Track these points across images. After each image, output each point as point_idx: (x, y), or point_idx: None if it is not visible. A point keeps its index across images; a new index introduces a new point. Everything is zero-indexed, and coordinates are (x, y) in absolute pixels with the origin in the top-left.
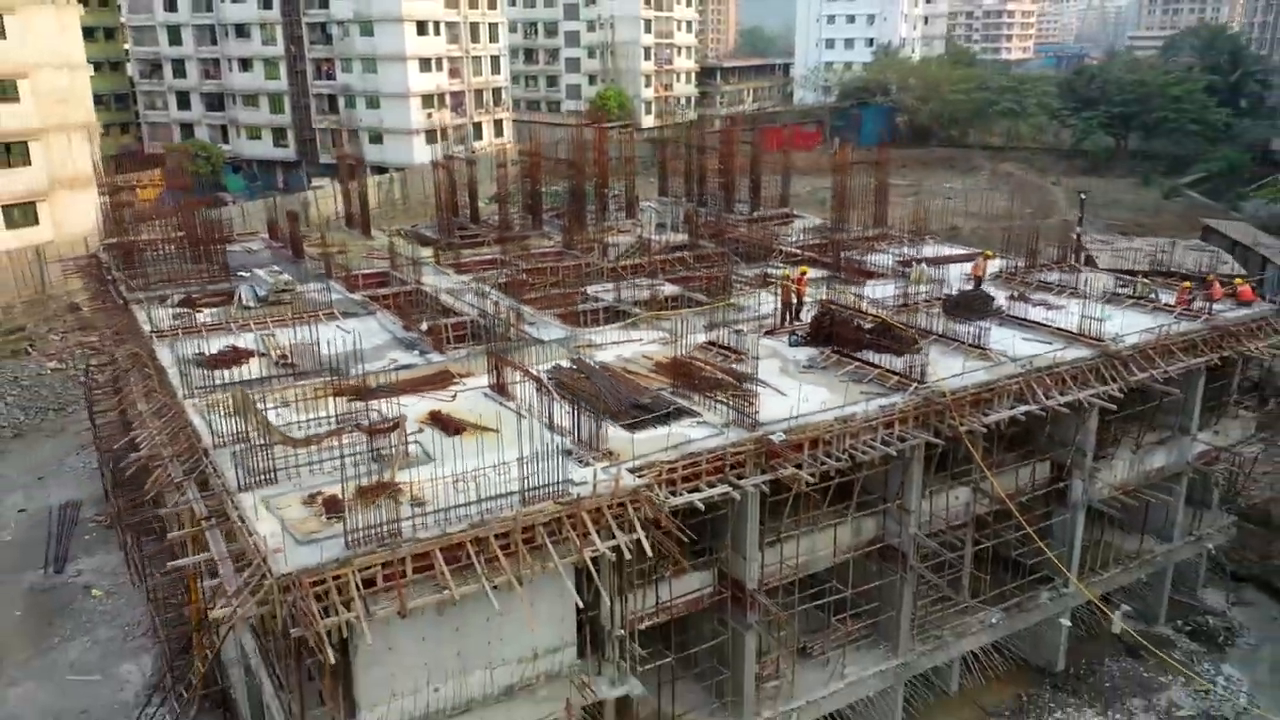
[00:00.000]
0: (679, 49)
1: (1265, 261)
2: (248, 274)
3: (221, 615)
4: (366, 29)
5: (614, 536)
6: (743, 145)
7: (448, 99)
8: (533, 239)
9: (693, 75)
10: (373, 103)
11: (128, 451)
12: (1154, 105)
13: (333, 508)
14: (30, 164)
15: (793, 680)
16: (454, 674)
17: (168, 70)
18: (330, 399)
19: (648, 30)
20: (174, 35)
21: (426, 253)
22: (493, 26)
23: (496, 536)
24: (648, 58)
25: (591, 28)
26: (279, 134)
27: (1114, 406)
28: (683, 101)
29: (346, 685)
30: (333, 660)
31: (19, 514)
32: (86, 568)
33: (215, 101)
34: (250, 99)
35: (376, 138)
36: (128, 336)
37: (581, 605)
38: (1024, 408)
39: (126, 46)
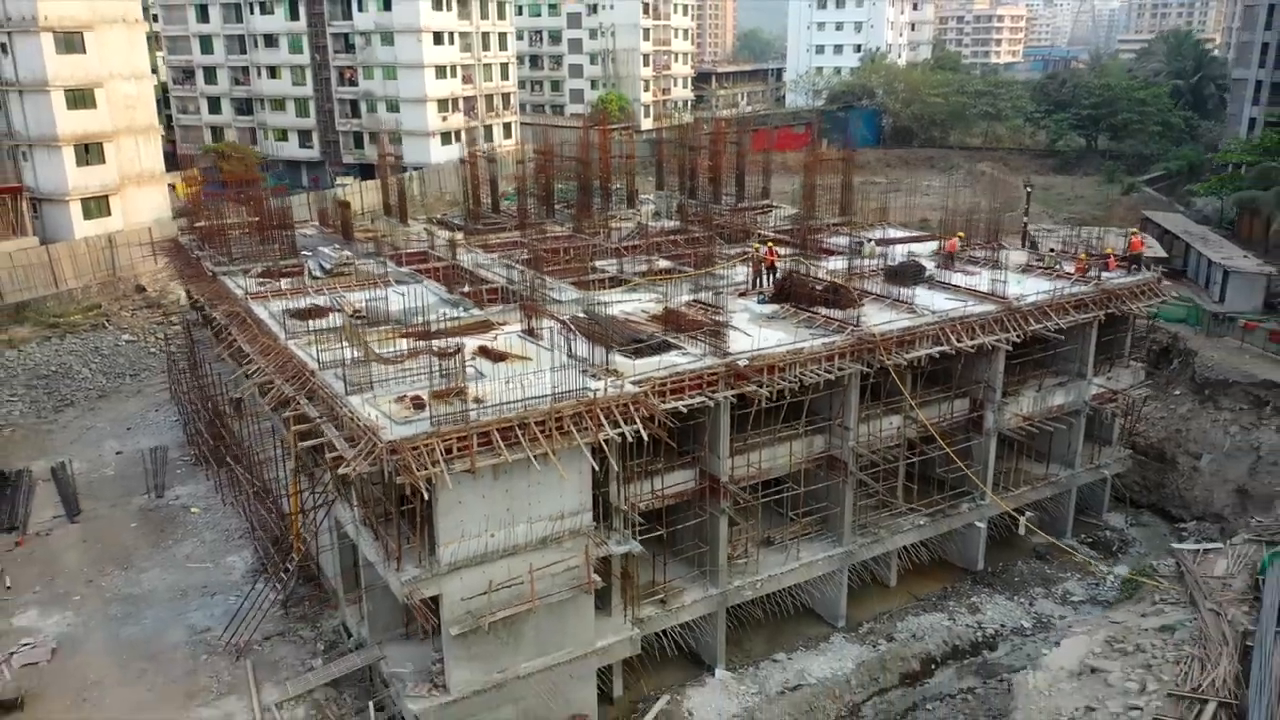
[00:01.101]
0: (676, 55)
1: (1188, 247)
2: (310, 252)
3: (346, 472)
4: (387, 39)
5: (619, 426)
6: (730, 145)
7: (461, 103)
8: (547, 225)
9: (689, 80)
10: (392, 107)
11: (205, 403)
12: (1120, 108)
13: (417, 404)
14: (105, 162)
15: (757, 560)
16: (504, 524)
17: (200, 77)
18: (400, 339)
19: (646, 38)
20: (206, 44)
21: (456, 237)
22: (502, 36)
23: (536, 422)
24: (646, 64)
25: (593, 35)
26: (304, 136)
27: (1011, 350)
28: (680, 105)
29: (428, 530)
30: (426, 496)
31: (116, 455)
32: (181, 493)
33: (244, 106)
34: (278, 103)
35: (396, 139)
36: (220, 300)
37: (597, 471)
38: (938, 348)
39: (160, 54)
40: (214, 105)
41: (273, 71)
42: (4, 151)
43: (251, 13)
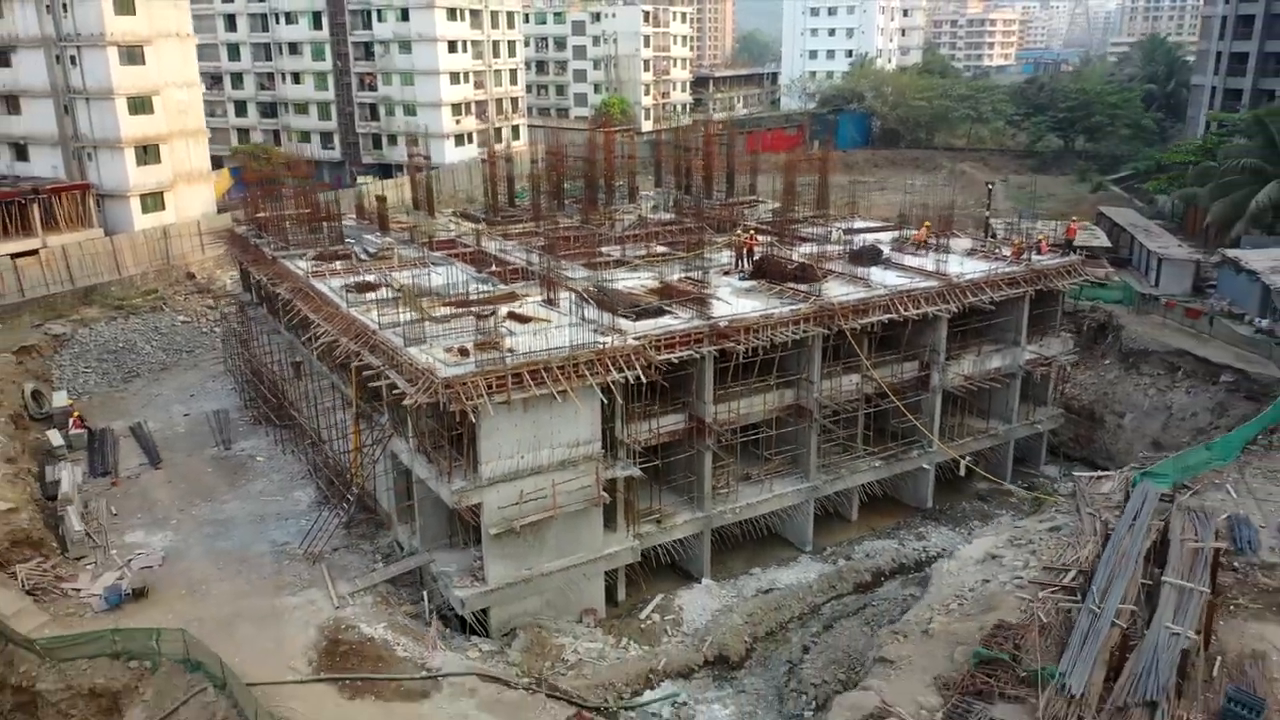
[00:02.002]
0: (675, 61)
1: (1132, 239)
2: (354, 240)
3: (408, 404)
4: (405, 47)
5: (623, 371)
6: (722, 147)
7: (473, 107)
8: (558, 218)
9: (687, 84)
10: (409, 110)
11: (260, 371)
12: (1094, 111)
13: (463, 352)
14: (160, 162)
15: (737, 491)
16: (532, 448)
17: (227, 82)
18: (442, 307)
19: (647, 44)
20: (233, 52)
21: (480, 227)
22: (511, 44)
23: (557, 366)
24: (647, 69)
25: (597, 42)
26: (326, 138)
27: (952, 319)
28: (678, 108)
29: (472, 451)
30: (474, 420)
31: (184, 416)
32: (245, 446)
33: (269, 109)
34: (301, 107)
35: (412, 140)
36: (283, 279)
37: (606, 406)
38: (887, 315)
39: None
40: (240, 109)
41: (296, 77)
42: (71, 152)
43: (277, 22)
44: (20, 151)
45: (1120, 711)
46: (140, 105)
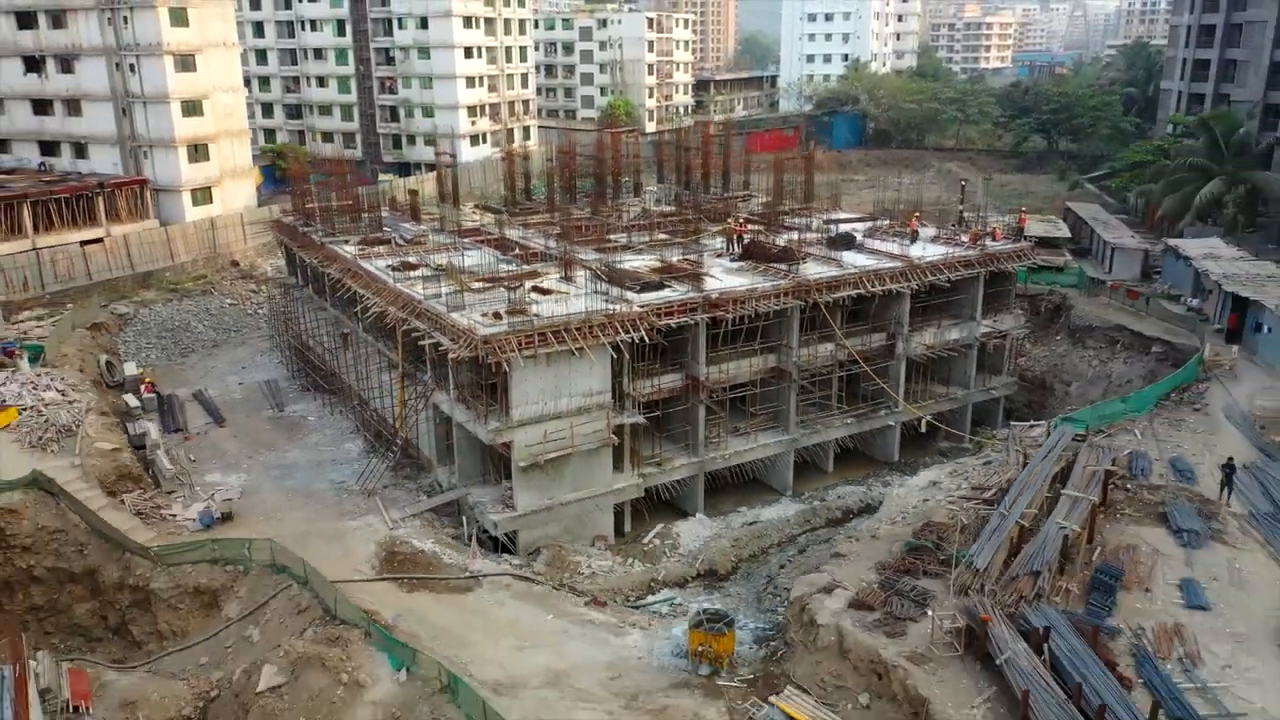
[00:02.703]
0: (677, 65)
1: (1092, 230)
2: (391, 228)
3: (453, 358)
4: (424, 53)
5: (629, 333)
6: (718, 147)
7: (487, 109)
8: (571, 209)
9: (689, 87)
10: (428, 112)
11: (307, 344)
12: (1076, 113)
13: (497, 316)
14: (209, 160)
15: (727, 441)
16: (554, 397)
17: (254, 85)
18: (474, 283)
19: (650, 49)
20: (261, 57)
21: (501, 218)
22: (522, 49)
23: (575, 327)
24: (650, 73)
25: (603, 47)
26: (348, 138)
27: (914, 295)
28: (680, 109)
29: (504, 398)
30: (506, 369)
31: (239, 385)
32: (297, 409)
33: (294, 111)
34: (325, 109)
35: (431, 140)
36: (332, 261)
37: (615, 361)
38: (856, 290)
39: None
40: (266, 110)
41: (321, 81)
42: (128, 150)
43: (303, 29)
44: (79, 149)
45: (1011, 580)
46: (192, 108)
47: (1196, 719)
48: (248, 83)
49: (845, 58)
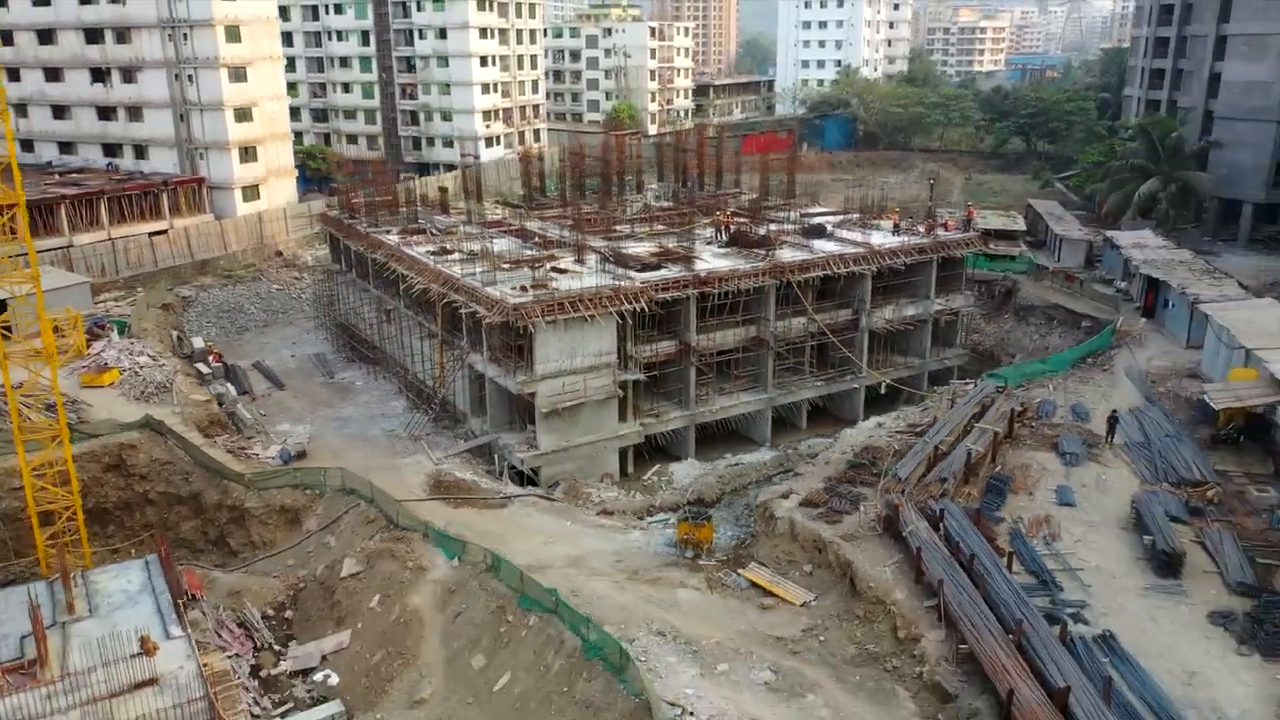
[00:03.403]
0: (678, 71)
1: (1046, 225)
2: (425, 220)
3: (488, 322)
4: (443, 62)
5: (632, 304)
6: (712, 149)
7: (501, 113)
8: (581, 204)
9: (689, 92)
10: (446, 116)
11: (349, 324)
12: (1051, 117)
13: (524, 289)
14: (257, 161)
15: (714, 399)
16: (570, 356)
17: None
18: (502, 264)
19: (653, 56)
20: (289, 65)
21: (520, 211)
22: (533, 58)
23: (587, 298)
24: (652, 78)
25: (608, 54)
26: (371, 140)
27: (875, 276)
28: (681, 113)
29: (530, 356)
30: (532, 331)
31: (291, 357)
32: (345, 376)
33: (320, 115)
34: (350, 113)
35: (449, 142)
36: (377, 247)
37: (621, 326)
38: (823, 272)
39: None
40: (294, 114)
41: (346, 87)
42: (184, 152)
43: (329, 39)
44: (140, 151)
45: (925, 485)
46: (243, 115)
47: (1044, 568)
48: None
49: (838, 64)
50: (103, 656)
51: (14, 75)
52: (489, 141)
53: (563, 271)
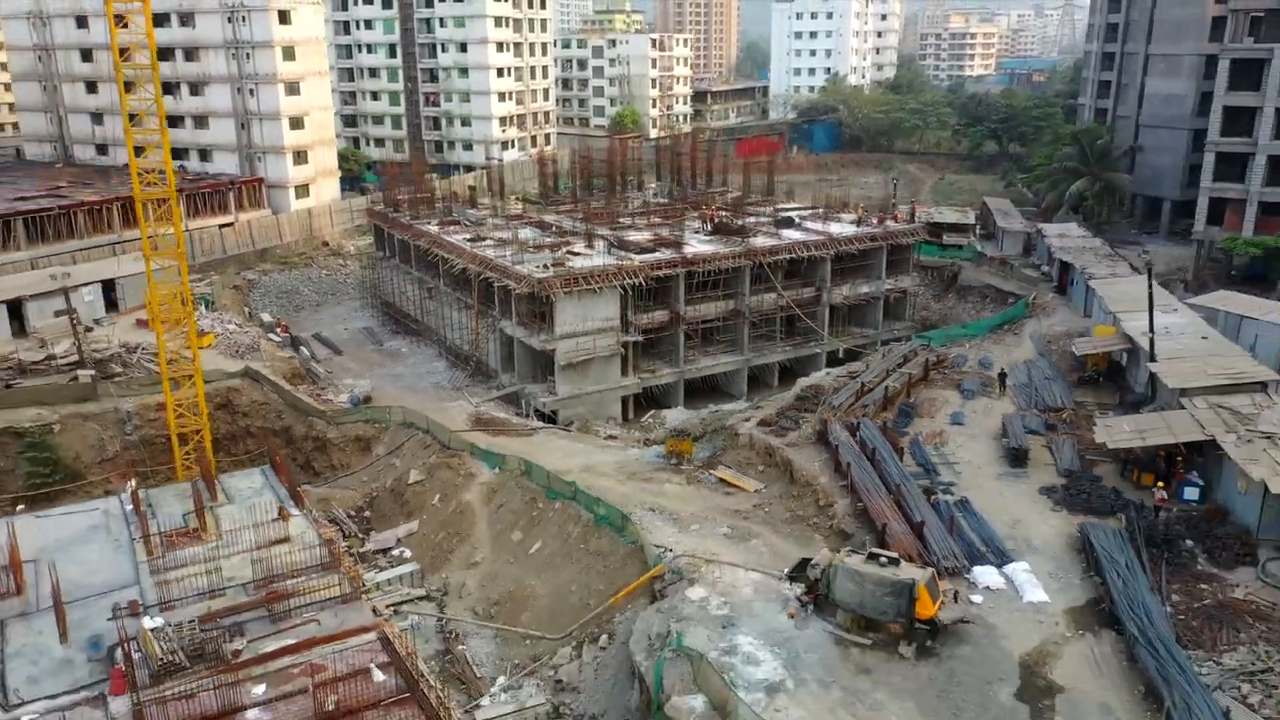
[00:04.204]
0: (677, 78)
1: (994, 219)
2: (459, 213)
3: (517, 293)
4: (463, 73)
5: (632, 279)
6: (703, 152)
7: (515, 119)
8: (590, 200)
9: (688, 98)
10: (465, 122)
11: (392, 302)
12: (1021, 121)
13: (546, 267)
14: (307, 163)
15: (699, 360)
16: (583, 320)
17: None
18: (527, 248)
19: (654, 66)
20: None
21: (536, 205)
22: (544, 68)
23: (597, 275)
24: (654, 86)
25: (612, 64)
26: (397, 144)
27: (834, 260)
28: (680, 117)
29: (551, 320)
30: (553, 300)
31: (344, 330)
32: (392, 345)
33: (350, 120)
34: (378, 119)
35: (468, 146)
36: (420, 236)
37: (624, 297)
38: (789, 255)
39: None
40: None
41: (374, 95)
42: (244, 156)
43: (359, 51)
44: (204, 154)
45: (850, 409)
46: (296, 123)
47: (929, 462)
48: None
49: (827, 71)
50: (250, 522)
51: (91, 88)
52: (505, 145)
53: (576, 254)
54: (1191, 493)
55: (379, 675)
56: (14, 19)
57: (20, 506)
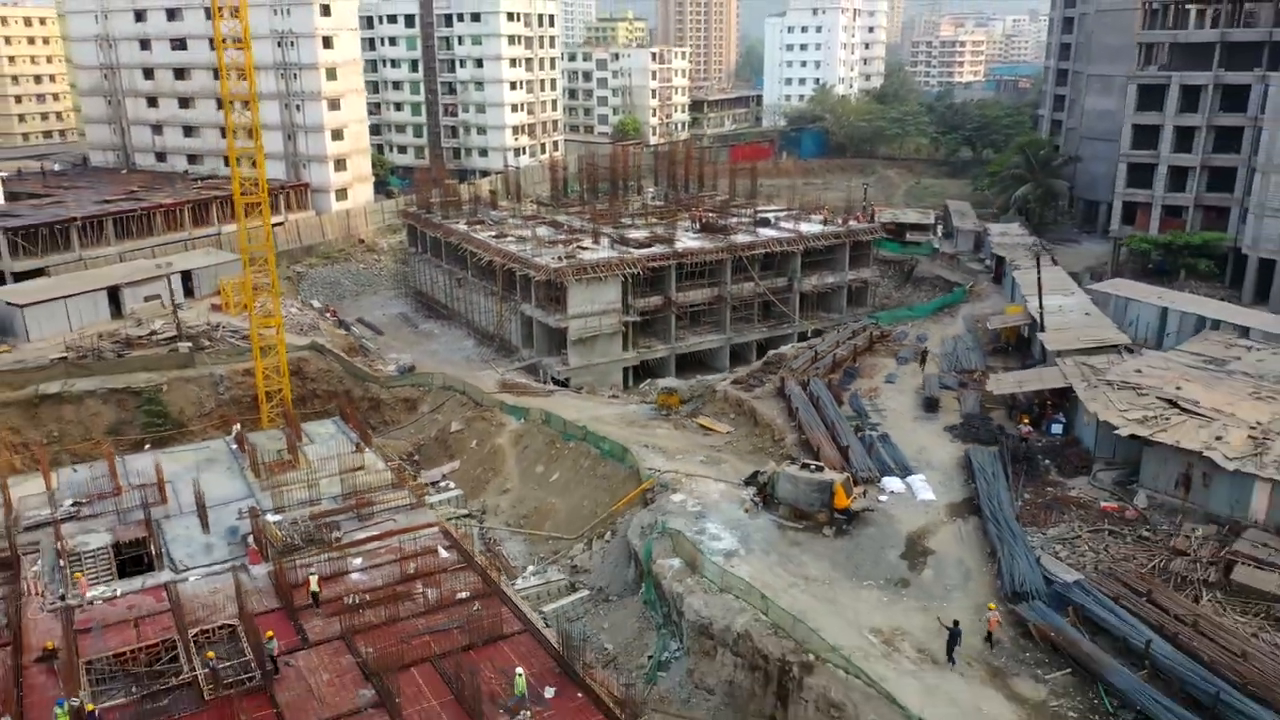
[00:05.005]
0: (676, 89)
1: (953, 223)
2: (483, 214)
3: (536, 280)
4: (479, 86)
5: (631, 269)
6: (695, 159)
7: (525, 128)
8: (595, 203)
9: (686, 106)
10: (480, 131)
11: (425, 291)
12: (993, 129)
13: (559, 259)
14: (346, 170)
15: (687, 338)
16: (590, 303)
17: None
18: (544, 244)
19: (654, 78)
20: None
21: (548, 206)
22: (553, 80)
23: (602, 265)
24: (654, 96)
25: (615, 76)
26: (418, 150)
27: (803, 254)
28: (679, 125)
29: (565, 303)
30: (566, 286)
31: (383, 315)
32: (426, 327)
33: (374, 129)
34: (400, 128)
35: (483, 152)
36: (450, 234)
37: (625, 283)
38: (765, 250)
39: None
40: None
41: (398, 106)
42: (290, 163)
43: (384, 66)
44: (253, 162)
45: (805, 371)
46: (337, 135)
47: (863, 409)
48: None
49: (817, 81)
50: (332, 453)
51: (152, 102)
52: (516, 152)
53: (585, 249)
54: (1057, 428)
55: (444, 553)
56: (83, 41)
57: (147, 446)
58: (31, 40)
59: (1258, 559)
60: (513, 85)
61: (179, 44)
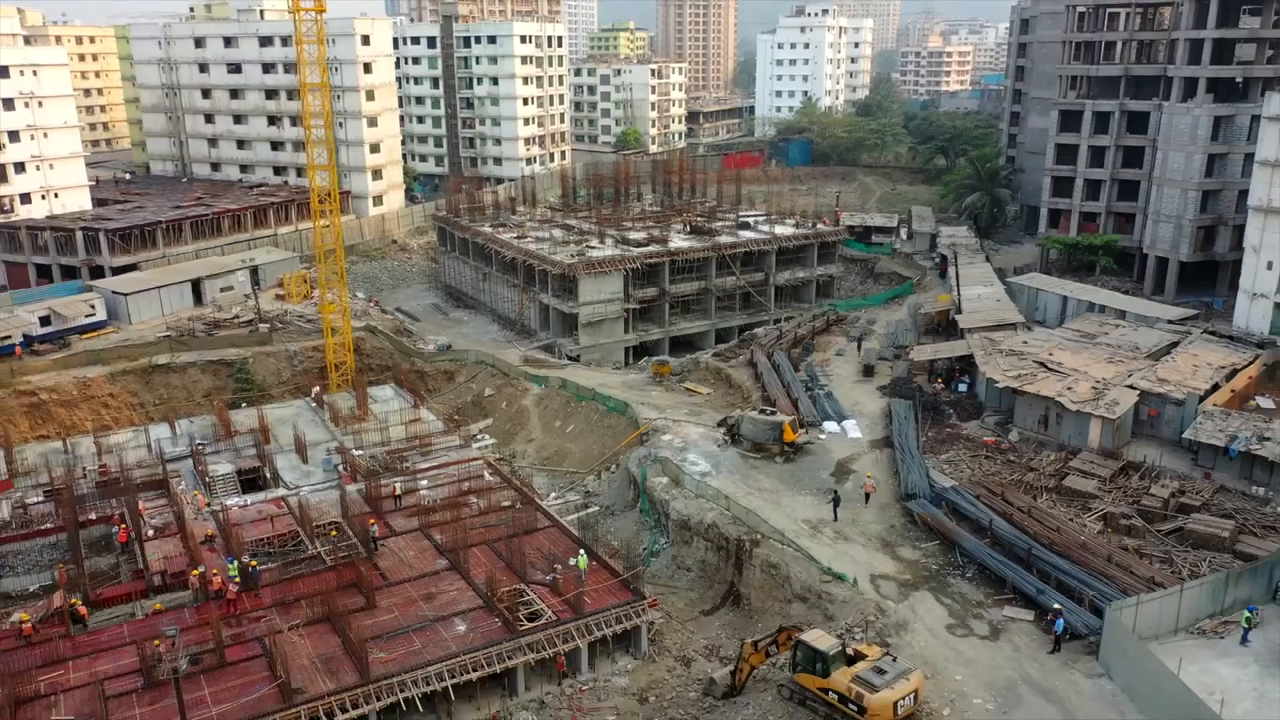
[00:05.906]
0: (674, 102)
1: (910, 225)
2: (505, 217)
3: (553, 274)
4: (495, 101)
5: (632, 265)
6: (688, 169)
7: (536, 139)
8: (600, 208)
9: (683, 119)
10: (495, 141)
11: (452, 285)
12: (965, 139)
13: (571, 257)
14: (382, 179)
15: (679, 323)
16: (597, 293)
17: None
18: (558, 244)
19: (653, 92)
20: None
21: (560, 211)
22: (561, 95)
23: (606, 262)
24: (653, 109)
25: (617, 90)
26: (437, 159)
27: (777, 253)
28: (676, 135)
29: (577, 292)
30: (578, 279)
31: (417, 305)
32: (455, 315)
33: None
34: (422, 139)
35: (498, 161)
36: (477, 235)
37: (625, 278)
38: (745, 249)
39: None
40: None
41: (419, 119)
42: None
43: (407, 83)
44: (300, 172)
45: (772, 346)
46: (375, 148)
47: (815, 376)
48: None
49: (805, 94)
50: (394, 408)
51: (209, 119)
52: (528, 160)
53: (592, 248)
54: (963, 386)
55: (488, 476)
56: (146, 64)
57: (242, 405)
58: (81, 58)
59: (1083, 470)
60: (525, 100)
61: (234, 68)
